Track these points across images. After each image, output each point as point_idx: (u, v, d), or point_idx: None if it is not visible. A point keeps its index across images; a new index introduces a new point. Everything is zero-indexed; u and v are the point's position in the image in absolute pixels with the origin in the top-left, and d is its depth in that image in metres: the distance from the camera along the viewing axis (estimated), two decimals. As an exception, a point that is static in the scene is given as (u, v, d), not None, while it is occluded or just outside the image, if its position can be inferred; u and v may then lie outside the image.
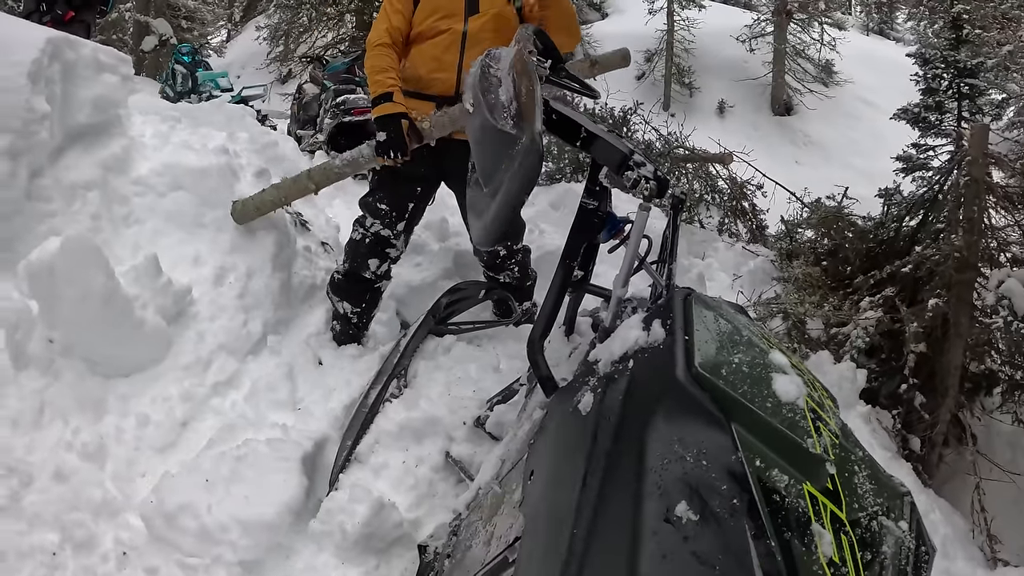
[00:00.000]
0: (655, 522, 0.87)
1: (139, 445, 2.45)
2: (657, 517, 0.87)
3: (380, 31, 2.79)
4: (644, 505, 0.89)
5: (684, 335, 1.04)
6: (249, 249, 3.22)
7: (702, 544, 0.85)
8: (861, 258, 4.81)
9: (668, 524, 0.87)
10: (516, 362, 2.92)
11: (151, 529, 2.17)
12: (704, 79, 16.07)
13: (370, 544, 2.18)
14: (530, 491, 1.24)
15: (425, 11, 2.79)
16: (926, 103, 7.35)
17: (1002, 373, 4.31)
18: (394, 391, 2.75)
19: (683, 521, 0.87)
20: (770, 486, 0.94)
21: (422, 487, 2.44)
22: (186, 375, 2.71)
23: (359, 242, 2.98)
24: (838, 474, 1.04)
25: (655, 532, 0.86)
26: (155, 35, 13.60)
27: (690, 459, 0.93)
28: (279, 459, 2.34)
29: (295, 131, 7.29)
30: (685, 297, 1.14)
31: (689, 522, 0.87)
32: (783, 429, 0.99)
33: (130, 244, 3.01)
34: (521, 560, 1.11)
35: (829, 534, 0.94)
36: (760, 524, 0.88)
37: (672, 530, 0.86)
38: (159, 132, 3.59)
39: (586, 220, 1.55)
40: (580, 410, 1.13)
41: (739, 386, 1.00)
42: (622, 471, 0.96)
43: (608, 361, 1.19)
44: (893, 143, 8.94)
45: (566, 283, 1.57)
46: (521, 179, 1.24)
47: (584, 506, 0.96)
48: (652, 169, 1.46)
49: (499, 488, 1.55)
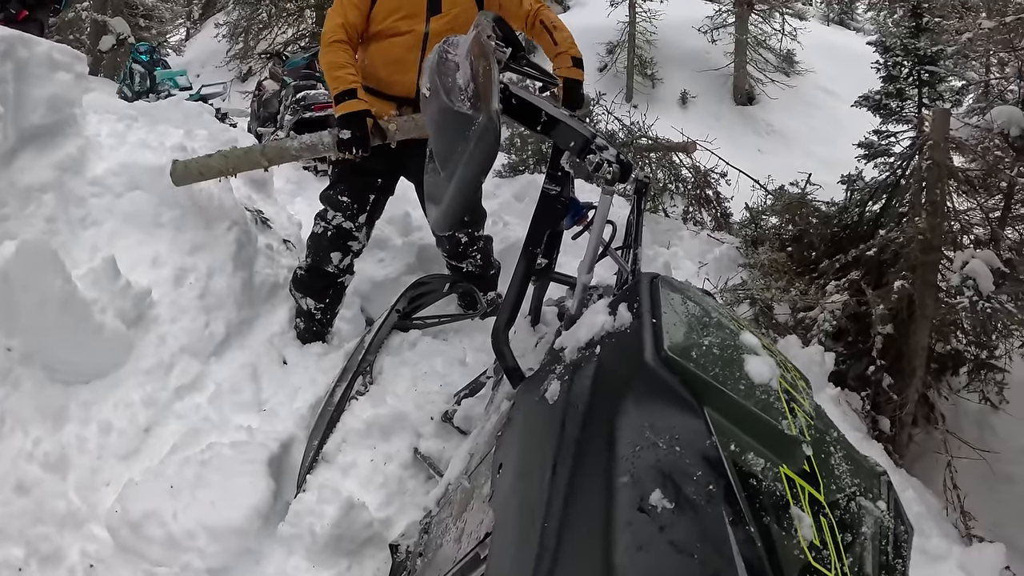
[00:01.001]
0: (629, 512, 0.84)
1: (102, 453, 2.39)
2: (631, 506, 0.84)
3: (335, 26, 2.71)
4: (617, 495, 0.86)
5: (652, 318, 1.01)
6: (209, 248, 3.14)
7: (679, 533, 0.82)
8: (826, 243, 4.87)
9: (642, 513, 0.84)
10: (482, 355, 2.89)
11: (117, 539, 2.11)
12: (666, 70, 16.15)
13: (341, 545, 2.14)
14: (499, 485, 1.20)
15: (385, 9, 2.72)
16: (887, 90, 7.46)
17: (967, 353, 4.39)
18: (360, 388, 2.71)
19: (658, 510, 0.84)
20: (746, 470, 0.91)
21: (391, 485, 2.40)
22: (148, 379, 2.64)
23: (321, 235, 2.94)
24: (814, 455, 1.03)
25: (629, 522, 0.83)
26: (113, 34, 13.33)
27: (663, 445, 0.90)
28: (244, 462, 2.29)
29: (255, 129, 7.16)
30: (651, 280, 1.11)
31: (664, 510, 0.84)
32: (757, 411, 0.96)
33: (87, 247, 2.94)
34: (492, 556, 1.08)
35: (808, 517, 0.93)
36: (738, 510, 0.86)
37: (647, 519, 0.83)
38: (115, 131, 3.49)
39: (549, 206, 1.52)
40: (547, 399, 1.10)
41: (710, 368, 0.97)
42: (592, 460, 0.93)
43: (574, 348, 1.15)
44: (853, 131, 9.06)
45: (529, 271, 1.54)
46: (478, 159, 1.21)
47: (554, 498, 0.93)
48: (615, 153, 1.44)
49: (468, 483, 1.51)
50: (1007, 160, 4.59)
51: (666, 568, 0.81)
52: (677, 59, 16.33)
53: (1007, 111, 4.86)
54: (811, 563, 0.88)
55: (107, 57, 13.37)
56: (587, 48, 15.72)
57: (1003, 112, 4.85)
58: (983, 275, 3.76)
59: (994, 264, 3.91)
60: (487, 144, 1.20)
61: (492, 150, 1.22)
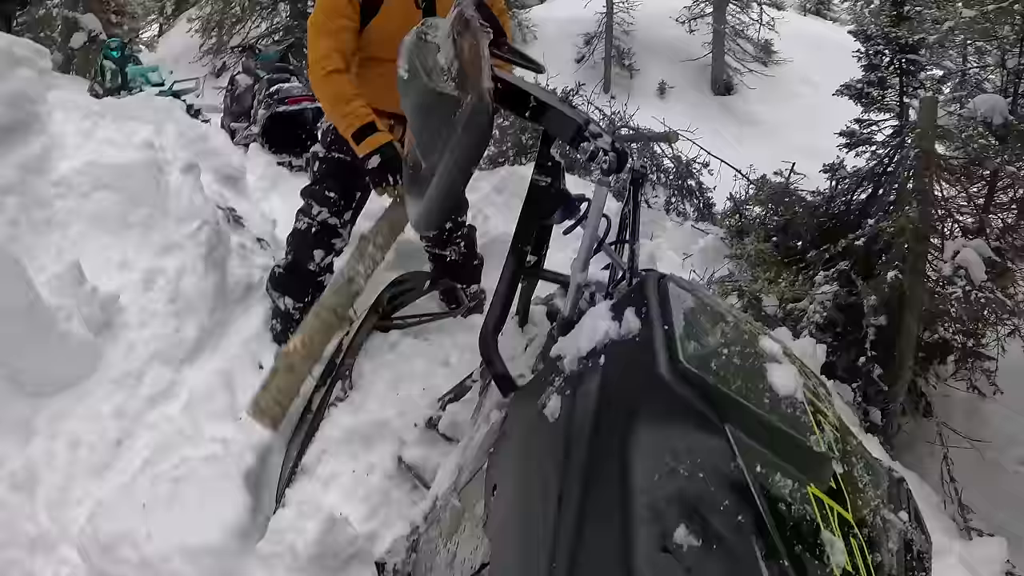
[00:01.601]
0: (651, 552, 0.74)
1: (72, 469, 2.32)
2: (653, 546, 0.75)
3: (328, 52, 2.48)
4: (636, 533, 0.75)
5: (663, 324, 0.90)
6: (179, 249, 3.03)
7: (708, 574, 0.73)
8: (812, 233, 4.82)
9: (666, 554, 0.74)
10: (467, 355, 2.79)
11: (89, 563, 2.04)
12: (644, 61, 16.12)
13: (324, 563, 2.04)
14: (495, 509, 1.09)
15: (379, 34, 2.55)
16: (868, 79, 7.42)
17: (955, 342, 4.37)
18: (339, 394, 2.59)
19: (684, 549, 0.74)
20: (775, 494, 0.82)
21: (375, 497, 2.29)
22: (117, 389, 2.55)
23: (304, 232, 2.83)
24: (842, 472, 0.93)
25: (652, 565, 0.73)
26: (84, 31, 13.04)
27: (684, 472, 0.80)
28: (219, 477, 2.19)
29: (228, 124, 6.97)
30: (659, 280, 1.00)
31: (691, 549, 0.74)
32: (784, 428, 0.86)
33: (52, 250, 2.85)
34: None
35: (839, 540, 0.84)
36: (770, 542, 0.77)
37: (672, 561, 0.74)
38: (81, 129, 3.39)
39: (539, 199, 1.40)
40: (547, 416, 0.99)
41: (732, 381, 0.87)
42: (604, 491, 0.82)
43: (574, 358, 1.04)
44: (832, 120, 9.06)
45: (519, 269, 1.43)
46: (468, 146, 1.11)
47: (562, 534, 0.82)
48: (609, 140, 1.33)
49: (458, 502, 1.40)
50: (991, 149, 4.56)
51: None
52: (655, 50, 16.31)
53: (990, 100, 4.85)
54: None
55: (79, 55, 13.10)
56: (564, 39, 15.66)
57: (986, 101, 4.84)
58: (975, 264, 3.72)
59: (985, 253, 3.88)
60: (479, 128, 1.10)
61: (484, 135, 1.12)
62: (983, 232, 4.31)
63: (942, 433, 3.49)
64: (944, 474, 3.32)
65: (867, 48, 7.46)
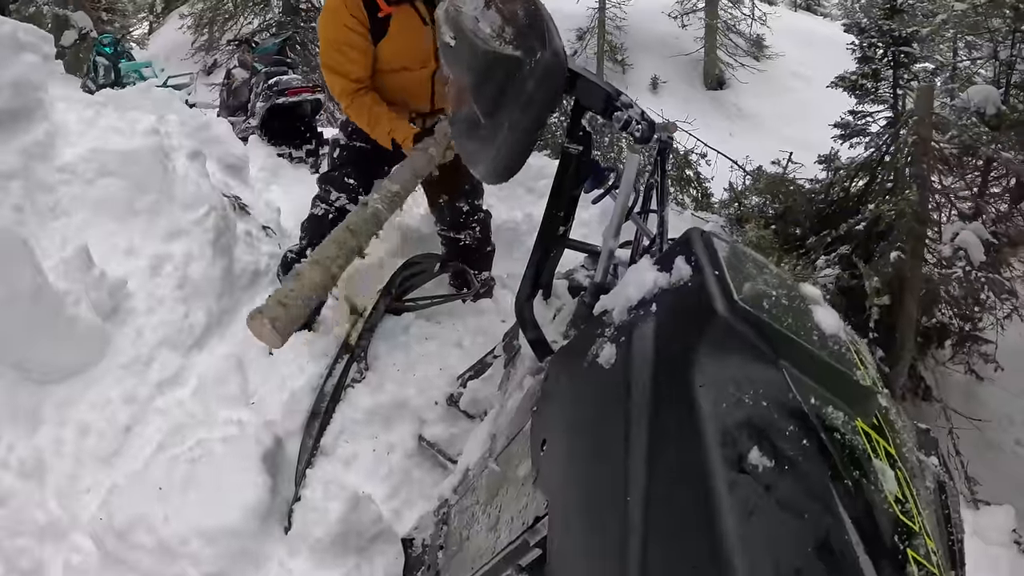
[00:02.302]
0: (731, 473, 0.76)
1: (81, 457, 2.28)
2: (732, 467, 0.76)
3: (346, 84, 2.66)
4: (711, 456, 0.77)
5: (714, 270, 0.92)
6: (187, 235, 3.00)
7: (785, 492, 0.75)
8: (811, 220, 4.88)
9: (745, 474, 0.76)
10: (479, 337, 2.80)
11: (102, 549, 2.00)
12: (636, 56, 16.16)
13: (348, 542, 2.02)
14: (546, 463, 1.10)
15: (391, 52, 2.64)
16: (863, 71, 7.47)
17: (952, 326, 4.42)
18: (355, 376, 2.58)
19: (759, 469, 0.76)
20: (829, 424, 0.84)
21: (397, 475, 2.29)
22: (126, 375, 2.52)
23: (322, 218, 2.82)
24: (883, 408, 0.95)
25: (733, 485, 0.75)
26: (75, 29, 12.92)
27: (748, 400, 0.82)
28: (237, 458, 2.15)
29: (225, 118, 6.93)
30: (702, 234, 1.02)
31: (766, 469, 0.76)
32: (832, 363, 0.89)
33: (58, 236, 2.81)
34: (554, 540, 0.98)
35: (889, 470, 0.87)
36: (834, 464, 0.79)
37: (751, 480, 0.75)
38: (84, 117, 3.35)
39: (571, 167, 1.41)
40: (600, 364, 1.00)
41: (783, 319, 0.89)
42: (673, 422, 0.84)
43: (624, 308, 1.05)
44: (823, 113, 9.11)
45: (552, 236, 1.44)
46: (542, 99, 1.14)
47: (634, 468, 0.83)
48: (640, 111, 1.35)
49: (496, 466, 1.40)
50: (985, 137, 4.63)
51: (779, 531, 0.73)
52: (647, 45, 16.35)
53: (983, 90, 4.93)
54: (899, 516, 0.83)
55: (70, 53, 12.99)
56: (558, 33, 15.55)
57: (979, 91, 4.91)
58: (974, 246, 3.78)
59: (983, 235, 3.93)
60: (553, 82, 1.14)
61: (559, 88, 1.17)
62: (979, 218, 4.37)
63: (946, 411, 3.53)
64: (950, 449, 3.36)
65: (861, 41, 7.51)
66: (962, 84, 6.72)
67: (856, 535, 0.74)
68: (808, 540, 0.73)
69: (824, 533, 0.73)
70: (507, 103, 1.15)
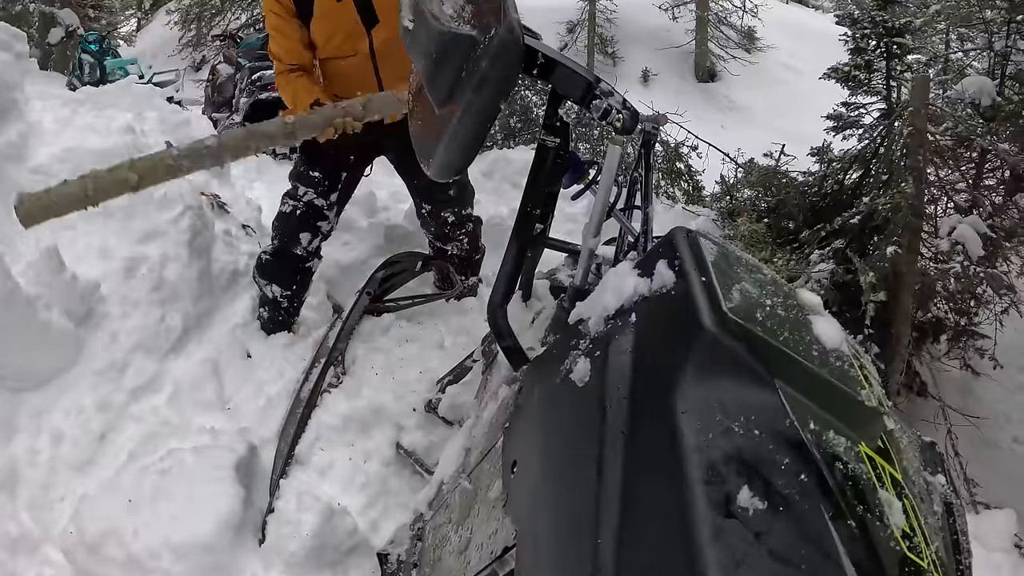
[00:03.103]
0: (717, 517, 0.67)
1: (55, 465, 2.25)
2: (718, 510, 0.67)
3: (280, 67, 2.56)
4: (695, 497, 0.68)
5: (701, 276, 0.83)
6: (162, 236, 2.94)
7: (779, 539, 0.66)
8: (805, 213, 4.81)
9: (732, 519, 0.67)
10: (462, 338, 2.73)
11: (74, 563, 1.97)
12: (627, 48, 16.07)
13: (323, 556, 1.96)
14: (515, 487, 1.01)
15: (322, 35, 2.49)
16: (855, 62, 7.39)
17: (947, 321, 4.36)
18: (332, 380, 2.51)
19: (750, 512, 0.67)
20: (830, 452, 0.75)
21: (374, 485, 2.22)
22: (100, 381, 2.48)
23: (289, 215, 2.73)
24: (887, 429, 0.87)
25: (719, 531, 0.66)
26: (62, 26, 12.82)
27: (739, 429, 0.73)
28: (209, 468, 2.09)
29: (210, 115, 6.85)
30: (688, 234, 0.93)
31: (757, 512, 0.68)
32: (834, 381, 0.79)
33: (30, 239, 2.74)
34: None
35: (897, 501, 0.78)
36: (835, 502, 0.71)
37: (739, 526, 0.67)
38: (60, 117, 3.34)
39: (548, 161, 1.32)
40: (573, 381, 0.91)
41: (779, 333, 0.79)
42: (652, 453, 0.74)
43: (600, 318, 0.96)
44: (814, 106, 9.05)
45: (526, 237, 1.35)
46: (495, 80, 1.04)
47: (605, 505, 0.74)
48: (621, 99, 1.26)
49: (469, 484, 1.32)
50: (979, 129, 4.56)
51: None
52: (638, 37, 16.26)
53: (978, 81, 4.87)
54: (906, 554, 0.75)
55: (56, 50, 12.89)
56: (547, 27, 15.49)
57: (974, 83, 4.85)
58: (972, 239, 3.70)
59: (981, 229, 3.86)
60: (508, 60, 1.04)
61: (514, 67, 1.07)
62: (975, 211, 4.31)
63: (944, 410, 3.45)
64: (949, 449, 3.29)
65: (854, 32, 7.43)
66: (955, 76, 6.67)
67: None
68: None
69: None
70: (461, 85, 1.05)
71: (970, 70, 6.74)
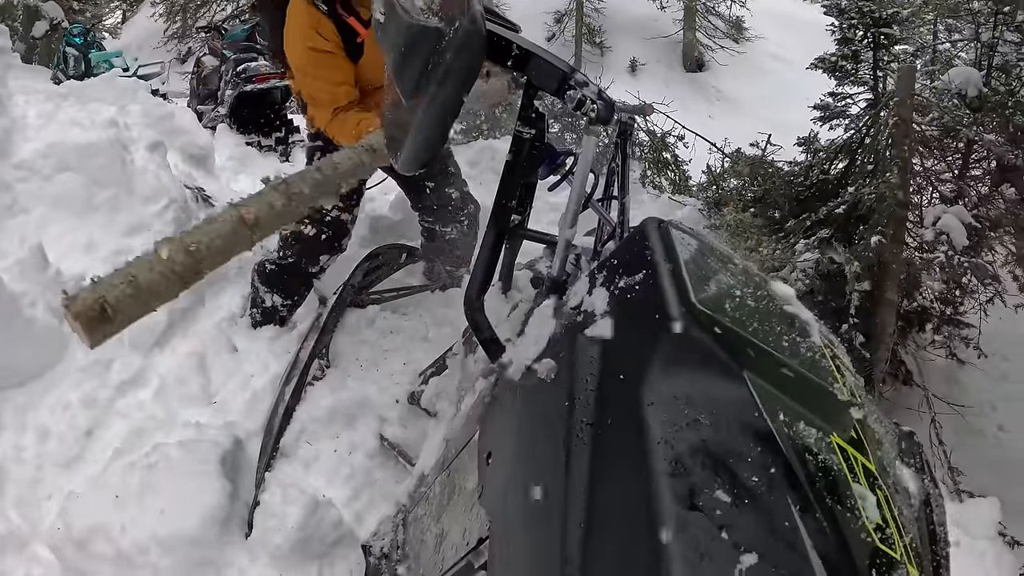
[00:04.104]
0: (680, 511, 0.67)
1: (41, 463, 2.26)
2: (681, 504, 0.67)
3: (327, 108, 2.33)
4: (660, 489, 0.68)
5: (669, 266, 0.83)
6: (147, 229, 2.95)
7: (743, 532, 0.66)
8: (791, 202, 4.82)
9: (697, 512, 0.67)
10: (447, 329, 2.73)
11: (62, 560, 1.98)
12: (615, 38, 15.99)
13: (308, 548, 1.97)
14: (490, 479, 1.02)
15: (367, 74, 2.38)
16: (842, 52, 7.41)
17: (933, 310, 4.39)
18: (317, 373, 2.50)
19: (714, 505, 0.68)
20: (800, 444, 0.75)
21: (359, 477, 2.22)
22: (86, 377, 2.49)
23: (314, 239, 2.56)
24: (861, 420, 0.87)
25: (683, 524, 0.66)
26: (46, 19, 12.68)
27: (705, 421, 0.73)
28: (195, 462, 2.09)
29: (195, 107, 6.79)
30: (659, 224, 0.93)
31: (722, 505, 0.68)
32: (805, 372, 0.80)
33: (16, 236, 2.78)
34: (494, 567, 0.89)
35: (870, 494, 0.78)
36: (803, 494, 0.70)
37: (703, 519, 0.67)
38: (43, 111, 3.32)
39: (524, 152, 1.32)
40: (541, 375, 0.91)
41: (748, 323, 0.80)
42: (618, 446, 0.75)
43: (570, 312, 0.97)
44: (803, 96, 9.06)
45: (503, 228, 1.35)
46: (461, 68, 1.04)
47: (572, 498, 0.75)
48: (596, 89, 1.26)
49: (447, 476, 1.33)
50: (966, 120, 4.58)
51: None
52: (626, 27, 16.19)
53: (965, 72, 4.88)
54: (878, 545, 0.75)
55: (41, 44, 12.76)
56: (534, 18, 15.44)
57: (961, 73, 4.86)
58: (956, 229, 3.72)
59: (965, 219, 3.88)
60: (470, 51, 1.03)
61: (476, 59, 1.05)
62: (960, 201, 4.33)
63: (928, 398, 3.48)
64: (932, 438, 3.31)
65: (841, 22, 7.44)
66: (942, 66, 6.69)
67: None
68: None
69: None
70: (427, 77, 1.05)
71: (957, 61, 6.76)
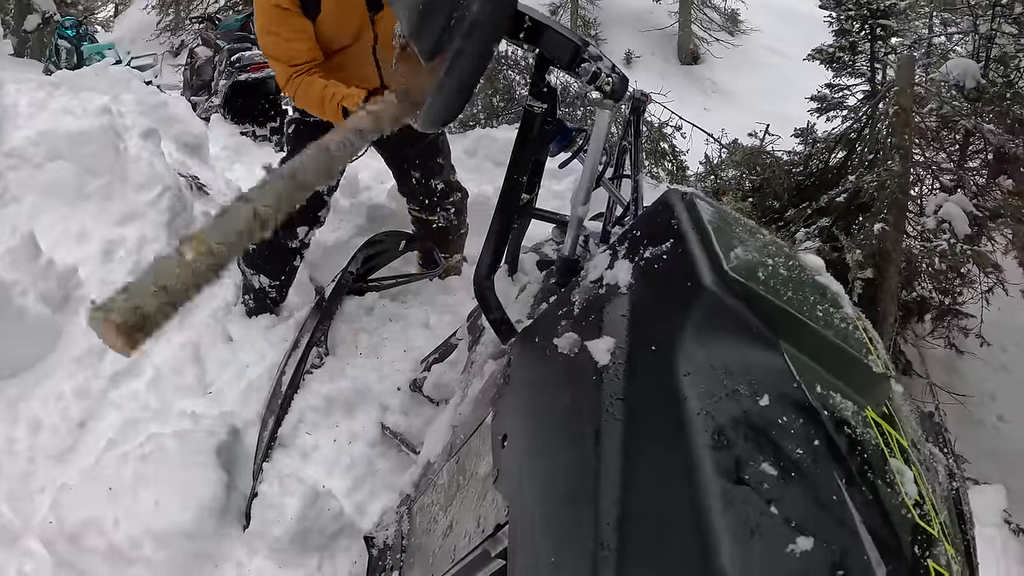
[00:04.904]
0: (727, 484, 0.62)
1: (34, 455, 2.22)
2: (727, 477, 0.63)
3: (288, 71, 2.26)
4: (703, 463, 0.64)
5: (698, 235, 0.79)
6: (140, 217, 2.89)
7: (793, 506, 0.62)
8: (790, 192, 4.81)
9: (744, 485, 0.63)
10: (447, 316, 2.69)
11: (54, 554, 1.92)
12: (610, 30, 15.94)
13: (308, 540, 1.92)
14: (506, 462, 0.97)
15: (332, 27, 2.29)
16: (840, 44, 7.42)
17: (932, 300, 4.38)
18: (315, 361, 2.45)
19: (762, 479, 0.63)
20: (838, 417, 0.71)
21: (359, 466, 2.17)
22: (79, 368, 2.44)
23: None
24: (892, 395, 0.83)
25: (730, 500, 0.61)
26: (38, 13, 12.62)
27: (745, 391, 0.68)
28: (191, 453, 2.03)
29: (189, 98, 6.72)
30: (683, 195, 0.89)
31: (769, 479, 0.63)
32: (840, 343, 0.76)
33: (6, 225, 2.73)
34: (516, 554, 0.85)
35: (907, 469, 0.74)
36: (847, 468, 0.67)
37: (751, 493, 0.62)
38: (35, 100, 3.24)
39: (535, 128, 1.27)
40: (565, 351, 0.87)
41: (783, 292, 0.76)
42: (654, 420, 0.70)
43: (591, 286, 0.92)
44: (798, 88, 9.07)
45: (513, 206, 1.30)
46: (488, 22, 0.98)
47: (606, 478, 0.70)
48: (610, 64, 1.21)
49: (456, 463, 1.28)
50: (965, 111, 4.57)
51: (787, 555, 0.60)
52: (621, 19, 16.15)
53: (963, 63, 4.88)
54: (918, 522, 0.71)
55: (33, 37, 12.71)
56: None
57: (959, 64, 4.86)
58: (958, 217, 3.70)
59: (967, 208, 3.86)
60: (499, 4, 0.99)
61: (504, 8, 1.02)
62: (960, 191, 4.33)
63: (932, 387, 3.46)
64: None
65: (838, 14, 7.45)
66: (938, 59, 6.69)
67: (876, 553, 0.61)
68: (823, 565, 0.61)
69: (841, 555, 0.61)
70: (450, 33, 1.00)
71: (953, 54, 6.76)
